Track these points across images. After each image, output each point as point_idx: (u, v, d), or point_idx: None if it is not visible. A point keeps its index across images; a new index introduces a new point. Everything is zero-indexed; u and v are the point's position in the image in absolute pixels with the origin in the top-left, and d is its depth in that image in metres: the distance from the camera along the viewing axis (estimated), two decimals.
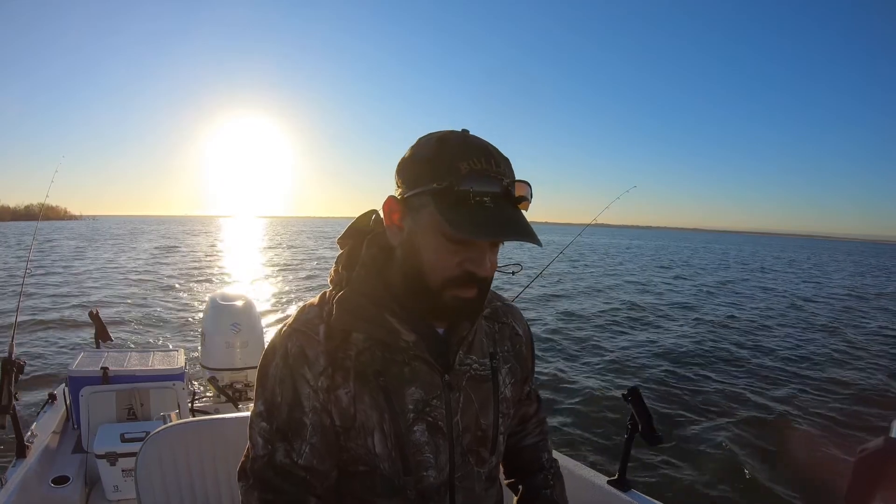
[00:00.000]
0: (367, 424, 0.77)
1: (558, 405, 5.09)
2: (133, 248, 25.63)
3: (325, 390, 0.76)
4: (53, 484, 1.92)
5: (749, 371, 6.66)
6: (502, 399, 0.87)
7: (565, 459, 1.74)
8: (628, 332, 8.88)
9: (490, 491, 0.90)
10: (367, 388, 0.77)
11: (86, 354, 2.56)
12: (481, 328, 0.88)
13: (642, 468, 3.76)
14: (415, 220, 0.74)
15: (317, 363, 0.77)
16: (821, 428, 4.84)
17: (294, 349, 0.77)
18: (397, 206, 0.75)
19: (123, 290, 11.71)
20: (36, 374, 5.27)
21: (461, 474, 0.83)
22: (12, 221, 69.33)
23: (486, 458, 0.86)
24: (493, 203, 0.69)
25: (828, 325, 10.57)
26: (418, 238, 0.74)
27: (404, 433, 0.78)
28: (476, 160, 0.70)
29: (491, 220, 0.68)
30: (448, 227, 0.68)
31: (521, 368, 0.93)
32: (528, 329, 0.98)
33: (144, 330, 7.82)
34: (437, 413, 0.80)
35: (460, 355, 0.83)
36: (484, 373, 0.85)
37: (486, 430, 0.85)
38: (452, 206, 0.69)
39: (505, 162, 0.73)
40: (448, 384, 0.81)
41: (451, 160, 0.70)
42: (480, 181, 0.69)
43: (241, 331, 2.95)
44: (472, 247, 0.73)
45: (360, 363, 0.77)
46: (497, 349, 0.89)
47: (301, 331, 0.78)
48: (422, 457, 0.79)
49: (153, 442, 1.14)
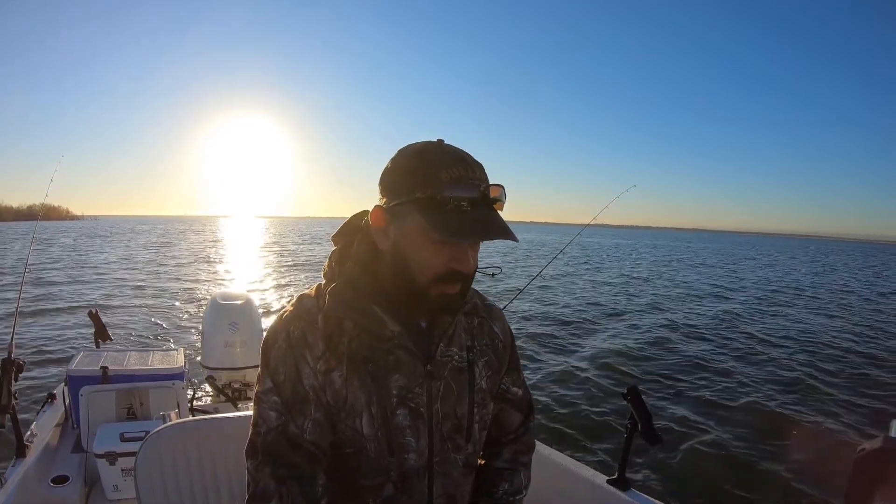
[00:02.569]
0: (356, 406, 0.83)
1: (558, 404, 5.09)
2: (133, 248, 25.62)
3: (323, 373, 0.83)
4: (53, 483, 1.91)
5: (749, 370, 6.66)
6: (477, 389, 0.93)
7: (565, 459, 1.75)
8: (628, 331, 8.87)
9: (468, 478, 0.96)
10: (357, 372, 0.83)
11: (85, 354, 2.55)
12: (461, 323, 0.94)
13: (642, 467, 3.76)
14: (401, 226, 0.81)
15: (316, 347, 0.83)
16: (820, 427, 4.84)
17: (297, 332, 0.83)
18: (383, 215, 0.82)
19: (123, 290, 11.70)
20: (35, 373, 5.27)
21: (439, 459, 0.89)
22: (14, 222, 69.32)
23: (461, 446, 0.91)
24: (472, 207, 0.77)
25: (828, 324, 10.59)
26: (405, 242, 0.81)
27: (389, 416, 0.84)
28: (454, 169, 0.77)
29: (472, 223, 0.76)
30: (434, 231, 0.76)
31: (498, 362, 0.99)
32: (507, 328, 1.03)
33: (144, 329, 7.81)
34: (418, 399, 0.86)
35: (441, 347, 0.89)
36: (462, 364, 0.92)
37: (461, 418, 0.91)
38: (436, 212, 0.76)
39: (479, 168, 0.81)
40: (429, 373, 0.87)
41: (432, 170, 0.77)
42: (460, 188, 0.76)
43: (240, 330, 2.94)
44: (455, 247, 0.80)
45: (352, 349, 0.84)
46: (475, 342, 0.95)
47: (302, 316, 0.85)
48: (404, 439, 0.85)
49: (153, 441, 1.14)
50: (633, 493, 1.54)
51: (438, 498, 0.90)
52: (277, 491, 0.79)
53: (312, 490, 0.81)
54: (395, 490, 0.87)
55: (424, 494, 0.89)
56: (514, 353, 1.04)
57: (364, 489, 0.86)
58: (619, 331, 8.89)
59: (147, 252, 23.34)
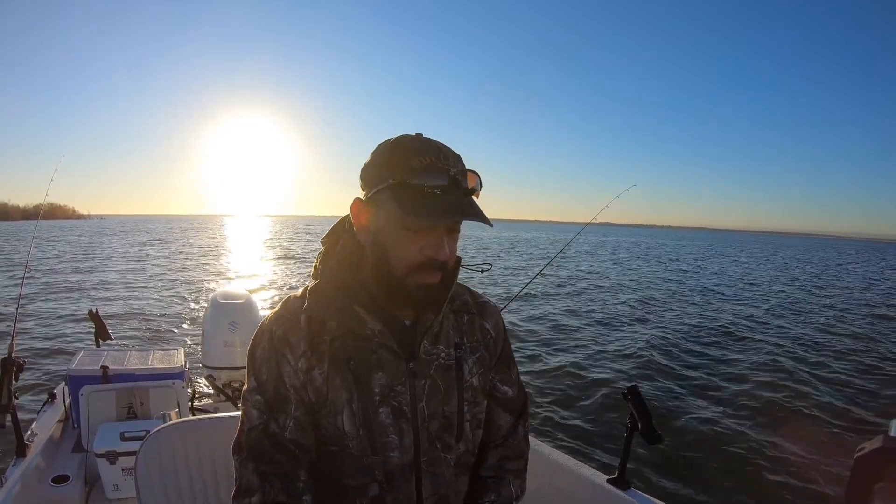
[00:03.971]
0: (337, 403, 0.84)
1: (558, 404, 5.10)
2: (137, 247, 25.61)
3: (304, 371, 0.84)
4: (53, 483, 1.91)
5: (749, 370, 6.66)
6: (468, 387, 0.92)
7: (565, 458, 1.75)
8: (628, 330, 8.88)
9: (462, 478, 0.94)
10: (339, 370, 0.84)
11: (85, 353, 2.55)
12: (448, 320, 0.93)
13: (642, 467, 3.76)
14: (378, 216, 0.82)
15: (298, 347, 0.84)
16: (820, 427, 4.85)
17: (279, 332, 0.85)
18: (363, 207, 0.84)
19: (123, 289, 11.71)
20: (36, 373, 5.27)
21: (427, 458, 0.88)
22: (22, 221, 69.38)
23: (451, 445, 0.90)
24: (443, 193, 0.77)
25: (828, 324, 10.58)
26: (382, 233, 0.82)
27: (371, 414, 0.84)
28: (426, 157, 0.78)
29: (442, 206, 0.77)
30: (404, 215, 0.77)
31: (490, 358, 0.98)
32: (500, 324, 1.02)
33: (144, 329, 7.82)
34: (401, 398, 0.86)
35: (426, 345, 0.89)
36: (449, 362, 0.91)
37: (450, 416, 0.89)
38: (408, 197, 0.77)
39: (454, 157, 0.81)
40: (412, 371, 0.87)
41: (405, 158, 0.78)
42: (431, 174, 0.77)
43: (240, 329, 2.94)
44: (430, 234, 0.80)
45: (334, 348, 0.84)
46: (464, 339, 0.94)
47: (286, 317, 0.86)
48: (387, 438, 0.85)
49: (153, 441, 1.14)
50: (633, 492, 1.54)
51: (429, 498, 0.89)
52: (261, 487, 0.82)
53: (294, 486, 0.83)
54: (380, 489, 0.86)
55: (413, 494, 0.87)
56: (505, 349, 1.01)
57: (349, 488, 0.86)
58: (619, 330, 8.90)
59: (152, 250, 23.33)
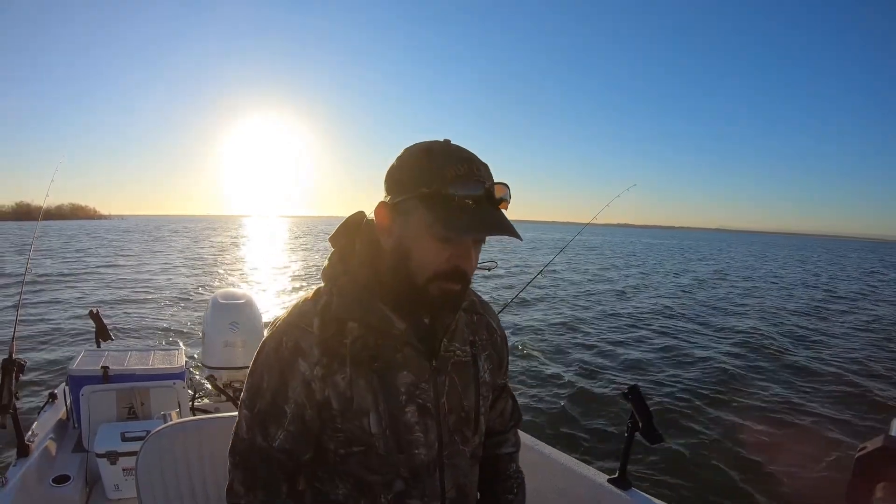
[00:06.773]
0: (363, 406, 0.84)
1: (558, 404, 5.10)
2: (150, 248, 25.63)
3: (321, 378, 0.83)
4: (54, 483, 1.91)
5: (749, 370, 6.66)
6: (482, 382, 0.95)
7: (565, 458, 1.75)
8: (628, 330, 8.88)
9: (474, 468, 0.98)
10: (363, 372, 0.84)
11: (86, 353, 2.55)
12: (462, 318, 0.96)
13: (642, 466, 3.77)
14: (404, 222, 0.81)
15: (311, 354, 0.83)
16: (821, 426, 4.85)
17: (289, 342, 0.84)
18: (387, 212, 0.83)
19: (124, 289, 11.71)
20: (36, 373, 5.28)
21: (448, 452, 0.91)
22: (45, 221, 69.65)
23: (469, 438, 0.93)
24: (477, 204, 0.77)
25: (829, 324, 10.58)
26: (409, 239, 0.81)
27: (397, 414, 0.85)
28: (460, 166, 0.78)
29: (477, 220, 0.77)
30: (440, 227, 0.77)
31: (497, 356, 1.02)
32: (499, 323, 1.07)
33: (145, 329, 7.83)
34: (425, 396, 0.88)
35: (445, 343, 0.91)
36: (466, 359, 0.94)
37: (468, 411, 0.92)
38: (440, 208, 0.77)
39: (485, 167, 0.81)
40: (435, 369, 0.89)
41: (438, 167, 0.78)
42: (465, 185, 0.76)
43: (240, 330, 2.94)
44: (459, 244, 0.80)
45: (355, 350, 0.84)
46: (476, 337, 0.98)
47: (296, 324, 0.85)
48: (412, 436, 0.86)
49: (154, 441, 1.14)
50: (633, 492, 1.54)
51: (450, 490, 0.91)
52: (246, 496, 0.86)
53: (277, 496, 0.86)
54: (405, 486, 0.87)
55: (437, 488, 0.90)
56: (505, 344, 1.09)
57: (374, 485, 0.87)
58: (620, 330, 8.90)
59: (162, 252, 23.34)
